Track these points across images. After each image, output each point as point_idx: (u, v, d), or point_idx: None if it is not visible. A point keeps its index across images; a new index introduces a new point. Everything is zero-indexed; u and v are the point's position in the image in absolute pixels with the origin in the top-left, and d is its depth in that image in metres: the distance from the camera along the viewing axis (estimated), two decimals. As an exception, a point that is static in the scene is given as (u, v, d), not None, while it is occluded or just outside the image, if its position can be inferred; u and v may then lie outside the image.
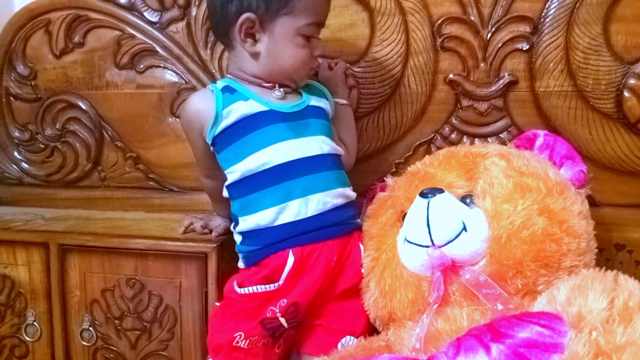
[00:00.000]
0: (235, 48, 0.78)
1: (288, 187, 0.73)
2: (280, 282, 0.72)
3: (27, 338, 0.96)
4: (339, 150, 0.81)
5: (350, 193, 0.80)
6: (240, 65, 0.79)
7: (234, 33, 0.76)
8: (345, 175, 0.81)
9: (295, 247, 0.73)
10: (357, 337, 0.74)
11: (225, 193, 0.80)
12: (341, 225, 0.76)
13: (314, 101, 0.81)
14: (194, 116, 0.78)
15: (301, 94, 0.81)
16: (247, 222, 0.76)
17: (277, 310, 0.71)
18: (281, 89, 0.78)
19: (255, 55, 0.76)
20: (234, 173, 0.76)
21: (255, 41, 0.75)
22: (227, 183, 0.78)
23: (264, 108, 0.75)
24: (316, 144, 0.76)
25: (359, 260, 0.76)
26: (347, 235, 0.77)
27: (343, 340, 0.74)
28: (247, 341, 0.72)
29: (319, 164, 0.75)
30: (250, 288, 0.73)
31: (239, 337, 0.72)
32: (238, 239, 0.79)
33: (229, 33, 0.76)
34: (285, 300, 0.72)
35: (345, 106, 0.89)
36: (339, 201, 0.76)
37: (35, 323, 0.95)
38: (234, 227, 0.80)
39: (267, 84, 0.78)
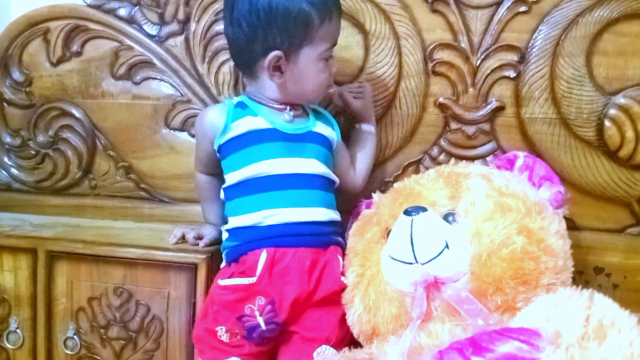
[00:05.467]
0: (259, 78, 0.84)
1: (274, 196, 0.80)
2: (256, 276, 0.77)
3: (8, 345, 0.95)
4: (331, 175, 0.86)
5: (333, 215, 0.84)
6: (260, 90, 0.85)
7: (258, 67, 0.82)
8: (331, 198, 0.86)
9: (269, 247, 0.78)
10: (332, 346, 0.76)
11: (221, 195, 0.87)
12: (316, 236, 0.80)
13: (319, 128, 0.86)
14: (209, 127, 0.86)
15: (308, 119, 0.87)
16: (234, 221, 0.83)
17: (255, 308, 0.75)
18: (291, 112, 0.84)
19: (281, 85, 0.82)
20: (232, 178, 0.84)
21: (282, 73, 0.81)
22: (224, 186, 0.86)
23: (268, 126, 0.82)
24: (307, 165, 0.82)
25: (338, 270, 0.80)
26: (322, 247, 0.81)
27: (319, 349, 0.75)
28: (228, 334, 0.76)
29: (305, 181, 0.81)
30: (229, 280, 0.79)
31: (220, 330, 0.77)
32: (225, 236, 0.85)
33: (252, 67, 0.83)
34: (263, 299, 0.76)
35: (371, 134, 0.94)
36: (318, 218, 0.81)
37: (18, 330, 0.94)
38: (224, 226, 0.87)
39: (280, 106, 0.84)
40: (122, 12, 1.08)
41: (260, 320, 0.74)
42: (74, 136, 1.12)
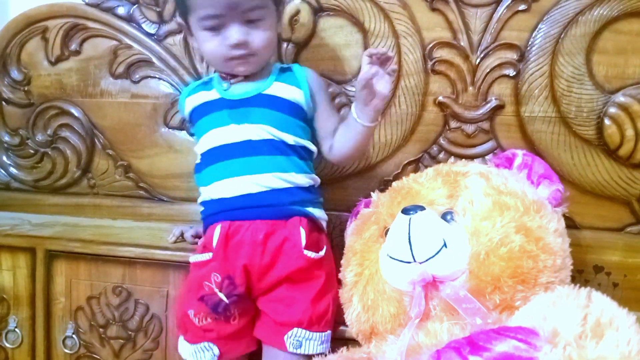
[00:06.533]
0: None
1: (223, 167, 0.79)
2: (212, 251, 0.77)
3: (7, 345, 0.95)
4: (287, 138, 0.80)
5: (295, 179, 0.79)
6: None
7: None
8: (292, 162, 0.80)
9: (223, 221, 0.78)
10: (305, 328, 0.75)
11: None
12: (273, 207, 0.77)
13: (275, 89, 0.82)
14: (180, 107, 0.92)
15: (264, 80, 0.83)
16: (200, 196, 0.84)
17: (214, 286, 0.75)
18: (229, 81, 0.83)
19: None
20: (196, 152, 0.85)
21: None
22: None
23: (217, 96, 0.83)
24: (253, 131, 0.79)
25: (300, 244, 0.77)
26: (282, 219, 0.78)
27: (290, 332, 0.75)
28: (197, 318, 0.76)
29: (253, 148, 0.78)
30: (195, 257, 0.79)
31: (191, 314, 0.77)
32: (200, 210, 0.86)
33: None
34: (218, 275, 0.75)
35: (359, 124, 0.80)
36: (275, 184, 0.78)
37: (16, 329, 0.95)
38: None
39: (224, 75, 0.84)
40: (121, 10, 1.08)
41: (222, 296, 0.74)
42: (73, 135, 1.12)
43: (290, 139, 0.80)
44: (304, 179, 0.81)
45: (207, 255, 0.78)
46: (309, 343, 0.75)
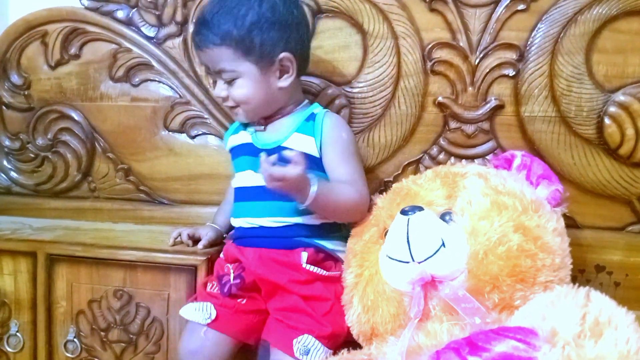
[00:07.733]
0: None
1: (242, 207, 0.87)
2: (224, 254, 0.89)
3: (8, 349, 0.95)
4: None
5: (307, 220, 0.83)
6: None
7: None
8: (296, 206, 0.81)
9: (236, 244, 0.86)
10: (316, 338, 0.76)
11: None
12: (279, 238, 0.83)
13: (291, 141, 0.83)
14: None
15: (285, 131, 0.84)
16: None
17: (232, 268, 0.83)
18: (255, 126, 0.88)
19: None
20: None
21: None
22: None
23: (249, 140, 0.88)
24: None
25: (300, 264, 0.81)
26: (286, 249, 0.82)
27: (300, 337, 0.75)
28: (210, 285, 0.85)
29: (267, 194, 0.79)
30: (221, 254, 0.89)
31: (207, 283, 0.86)
32: None
33: None
34: (237, 264, 0.84)
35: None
36: (280, 225, 0.83)
37: (18, 334, 0.94)
38: None
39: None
40: (120, 14, 1.08)
41: (231, 276, 0.81)
42: (73, 139, 1.13)
43: None
44: (315, 219, 0.83)
45: (222, 255, 0.88)
46: (316, 353, 0.75)
